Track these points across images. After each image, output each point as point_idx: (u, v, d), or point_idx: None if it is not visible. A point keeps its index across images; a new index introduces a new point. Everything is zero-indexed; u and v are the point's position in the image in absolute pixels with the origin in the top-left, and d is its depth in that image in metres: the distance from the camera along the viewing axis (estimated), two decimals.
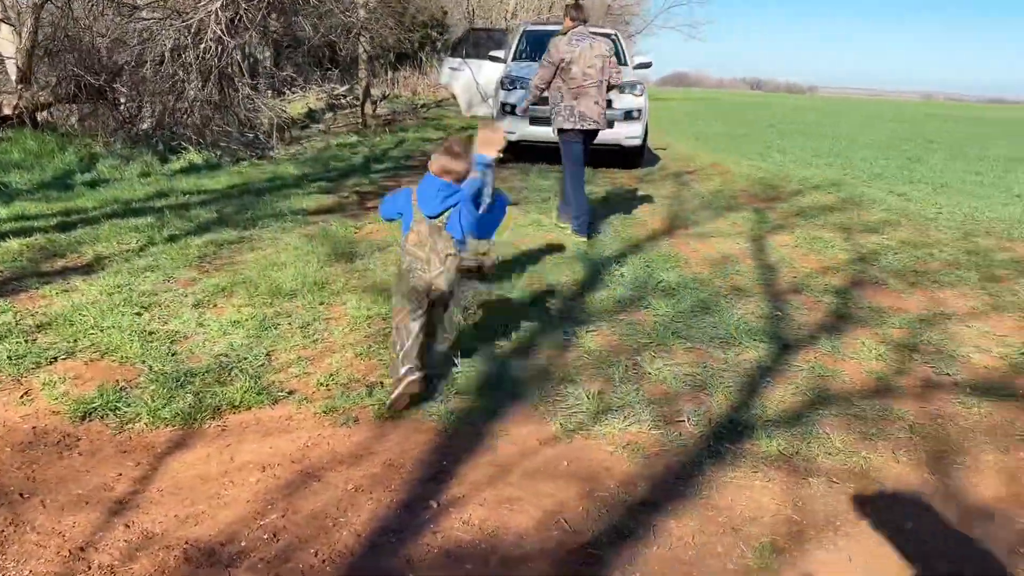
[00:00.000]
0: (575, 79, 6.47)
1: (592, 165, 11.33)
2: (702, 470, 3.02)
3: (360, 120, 16.92)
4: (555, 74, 6.53)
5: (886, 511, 2.81)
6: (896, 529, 2.69)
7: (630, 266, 5.87)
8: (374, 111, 17.92)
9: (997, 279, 6.05)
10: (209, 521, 2.56)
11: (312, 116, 16.51)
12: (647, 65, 12.72)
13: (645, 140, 11.84)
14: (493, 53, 13.01)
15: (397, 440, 3.14)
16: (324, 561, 2.39)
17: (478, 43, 13.20)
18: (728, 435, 3.29)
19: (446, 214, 3.30)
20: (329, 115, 17.50)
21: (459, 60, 12.92)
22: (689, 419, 3.43)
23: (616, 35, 13.33)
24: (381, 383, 3.61)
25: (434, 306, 3.39)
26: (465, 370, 3.76)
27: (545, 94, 6.82)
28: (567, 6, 6.89)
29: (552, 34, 14.21)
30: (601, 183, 10.14)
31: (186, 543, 2.43)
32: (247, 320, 4.23)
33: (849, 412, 3.58)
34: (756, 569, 2.46)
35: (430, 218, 3.30)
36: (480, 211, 3.34)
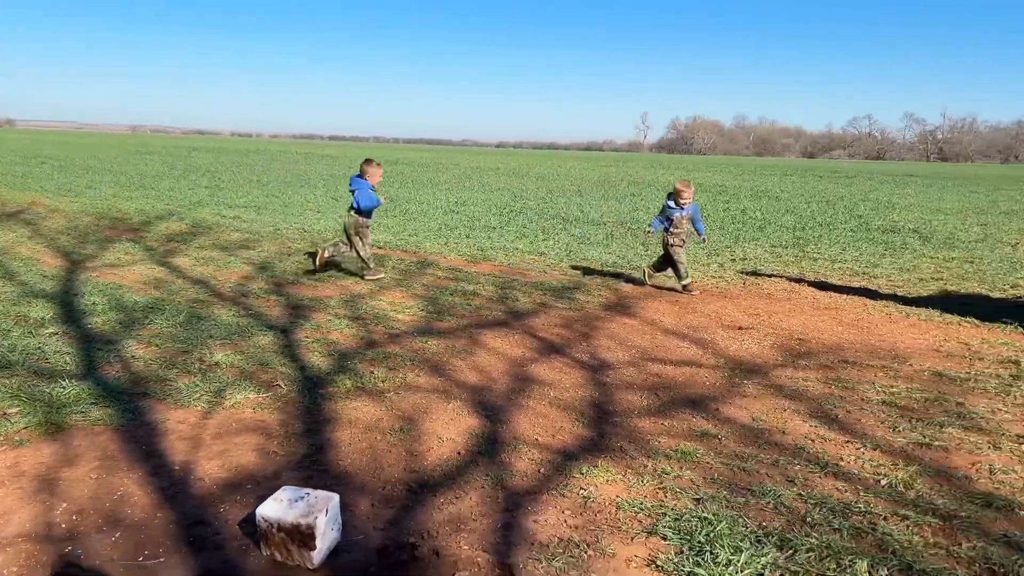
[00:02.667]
0: None
1: None
2: (321, 405, 4.24)
3: None
4: None
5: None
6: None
7: (89, 296, 6.30)
8: None
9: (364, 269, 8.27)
10: (12, 526, 2.82)
11: None
12: None
13: None
14: None
15: (85, 443, 3.55)
16: (159, 520, 2.97)
17: None
18: (315, 386, 4.54)
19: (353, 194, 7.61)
20: None
21: None
22: (281, 383, 4.56)
23: None
24: (4, 413, 3.80)
25: (348, 237, 7.72)
26: (69, 389, 4.14)
27: None
28: None
29: None
30: None
31: (20, 539, 2.73)
32: None
33: (366, 358, 5.14)
34: (402, 439, 3.86)
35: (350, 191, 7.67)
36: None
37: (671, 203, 7.69)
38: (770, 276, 8.87)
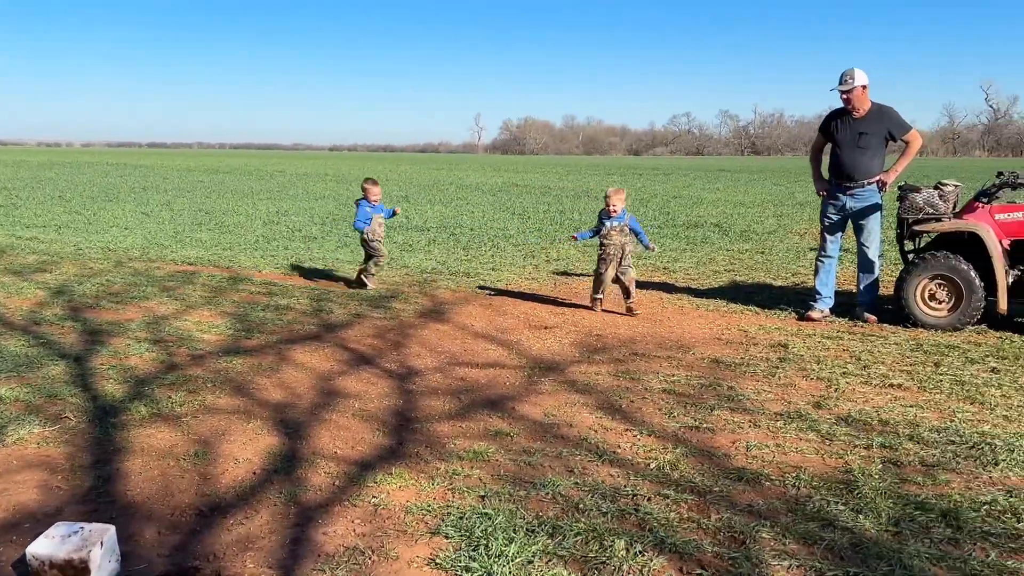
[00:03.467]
0: None
1: None
2: (113, 435, 4.14)
3: None
4: None
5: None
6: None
7: None
8: None
9: (171, 288, 8.05)
10: None
11: None
12: None
13: None
14: None
15: None
16: None
17: None
18: (107, 416, 4.42)
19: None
20: None
21: None
22: (70, 415, 4.41)
23: None
24: None
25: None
26: None
27: None
28: None
29: None
30: None
31: None
32: None
33: (165, 382, 5.04)
34: (196, 464, 3.86)
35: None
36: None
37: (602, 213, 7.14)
38: (580, 275, 9.34)
